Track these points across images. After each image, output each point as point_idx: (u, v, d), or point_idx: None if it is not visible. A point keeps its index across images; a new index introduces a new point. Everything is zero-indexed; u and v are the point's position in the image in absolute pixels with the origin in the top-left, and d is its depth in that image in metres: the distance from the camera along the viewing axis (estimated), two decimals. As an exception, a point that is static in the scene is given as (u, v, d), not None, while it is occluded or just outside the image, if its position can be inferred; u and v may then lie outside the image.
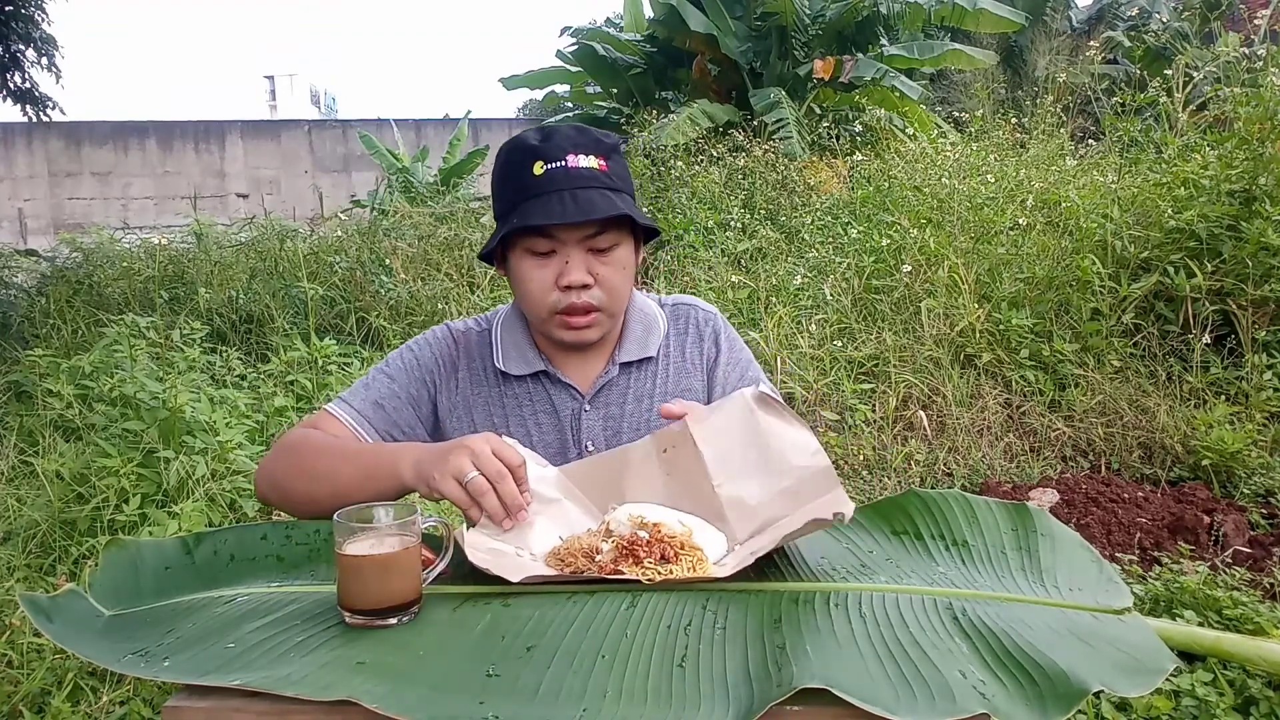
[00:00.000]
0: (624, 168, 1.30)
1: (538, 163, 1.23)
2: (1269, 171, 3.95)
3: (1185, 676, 1.96)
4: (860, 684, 0.79)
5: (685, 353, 1.40)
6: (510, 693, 0.81)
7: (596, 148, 1.26)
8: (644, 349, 1.37)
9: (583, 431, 1.35)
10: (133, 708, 2.12)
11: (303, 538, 1.17)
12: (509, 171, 1.26)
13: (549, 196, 1.21)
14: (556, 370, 1.35)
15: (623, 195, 1.26)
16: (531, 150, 1.24)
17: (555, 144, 1.24)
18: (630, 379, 1.37)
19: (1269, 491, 3.12)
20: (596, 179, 1.24)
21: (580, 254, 1.25)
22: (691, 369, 1.39)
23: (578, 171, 1.23)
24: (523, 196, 1.23)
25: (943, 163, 5.89)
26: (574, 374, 1.36)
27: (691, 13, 8.93)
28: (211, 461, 3.15)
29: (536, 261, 1.26)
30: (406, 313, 5.49)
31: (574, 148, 1.24)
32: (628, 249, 1.30)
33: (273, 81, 36.50)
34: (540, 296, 1.26)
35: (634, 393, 1.36)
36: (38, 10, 8.16)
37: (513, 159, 1.26)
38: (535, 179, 1.22)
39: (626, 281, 1.30)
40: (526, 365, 1.35)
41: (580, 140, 1.25)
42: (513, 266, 1.29)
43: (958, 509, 1.16)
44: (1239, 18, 9.91)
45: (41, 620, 0.96)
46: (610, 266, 1.27)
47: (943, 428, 3.70)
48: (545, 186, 1.22)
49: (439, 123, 16.08)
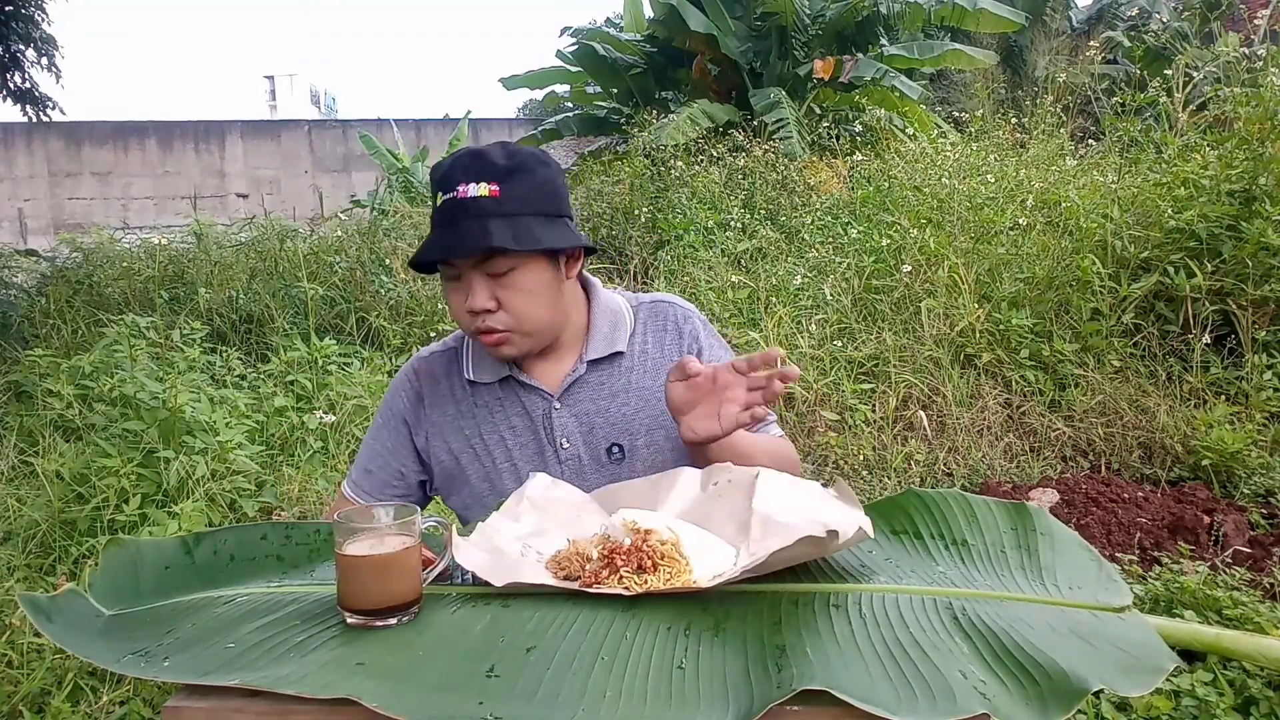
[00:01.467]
0: (530, 188, 1.28)
1: (439, 194, 1.28)
2: (1269, 171, 3.95)
3: (1185, 676, 1.96)
4: (860, 685, 0.79)
5: (663, 348, 1.43)
6: (510, 693, 0.81)
7: (489, 172, 1.25)
8: (611, 345, 1.40)
9: (555, 430, 1.38)
10: (133, 708, 2.12)
11: (303, 538, 1.17)
12: (431, 198, 1.32)
13: (440, 230, 1.27)
14: (522, 374, 1.39)
15: (518, 220, 1.25)
16: (438, 180, 1.28)
17: (451, 173, 1.26)
18: (600, 375, 1.40)
19: (1269, 491, 3.12)
20: (484, 208, 1.24)
21: (481, 280, 1.27)
22: (669, 364, 1.39)
23: (464, 201, 1.25)
24: (432, 225, 1.29)
25: (943, 163, 5.89)
26: (541, 376, 1.40)
27: (691, 13, 8.92)
28: (211, 461, 3.15)
29: (451, 287, 1.32)
30: (406, 313, 5.49)
31: (465, 177, 1.25)
32: (532, 270, 1.29)
33: (273, 81, 36.51)
34: (459, 319, 1.32)
35: (607, 388, 1.39)
36: (38, 10, 8.16)
37: (431, 187, 1.31)
38: (437, 209, 1.28)
39: (534, 303, 1.30)
40: (494, 372, 1.40)
41: (473, 167, 1.26)
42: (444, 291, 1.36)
43: (957, 508, 1.16)
44: (1239, 18, 9.91)
45: (41, 620, 0.97)
46: (509, 290, 1.28)
47: (943, 428, 3.70)
48: (441, 219, 1.27)
49: (439, 123, 16.09)
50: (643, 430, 1.38)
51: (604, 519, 1.14)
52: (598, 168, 8.44)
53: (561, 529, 1.12)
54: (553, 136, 10.51)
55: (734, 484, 1.16)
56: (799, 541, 0.95)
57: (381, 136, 12.16)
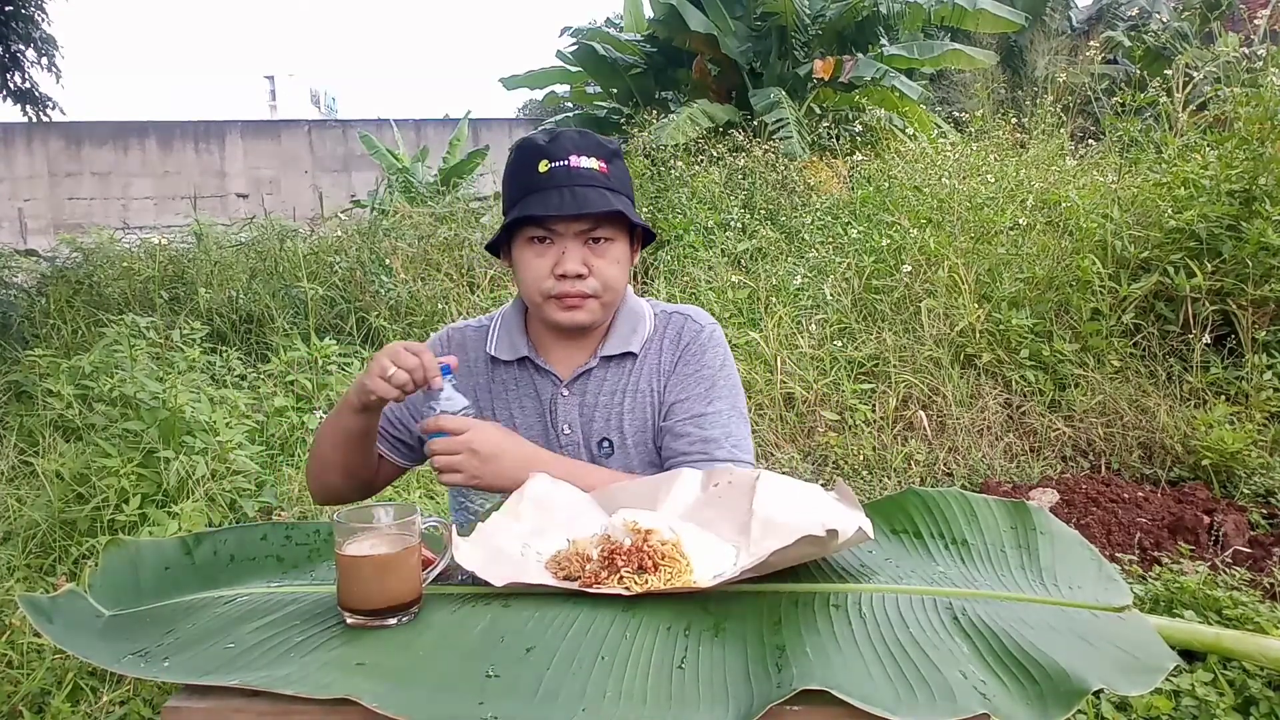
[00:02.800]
0: (625, 173, 1.40)
1: (543, 161, 1.33)
2: (1269, 171, 3.95)
3: (1185, 676, 1.96)
4: (860, 684, 0.79)
5: (661, 358, 1.45)
6: (509, 693, 0.81)
7: (598, 150, 1.36)
8: (626, 344, 1.44)
9: (559, 415, 1.43)
10: (133, 708, 2.12)
11: (303, 538, 1.17)
12: (517, 169, 1.37)
13: (550, 192, 1.32)
14: (540, 358, 1.44)
15: (620, 196, 1.36)
16: (538, 149, 1.34)
17: (560, 144, 1.34)
18: (609, 371, 1.44)
19: (1269, 491, 3.12)
20: (596, 179, 1.34)
21: (577, 246, 1.34)
22: (662, 375, 1.44)
23: (579, 171, 1.33)
24: (527, 191, 1.33)
25: (943, 163, 5.89)
26: (557, 362, 1.44)
27: (691, 13, 8.91)
28: (211, 461, 3.15)
29: (536, 250, 1.35)
30: (406, 313, 5.49)
31: (576, 149, 1.34)
32: (623, 246, 1.39)
33: (273, 81, 36.48)
34: (536, 283, 1.35)
35: (609, 385, 1.43)
36: (38, 10, 8.16)
37: (520, 158, 1.37)
38: (539, 175, 1.33)
39: (621, 275, 1.39)
40: (513, 351, 1.44)
41: (583, 143, 1.35)
42: (515, 255, 1.38)
43: (957, 508, 1.16)
44: (1239, 18, 9.91)
45: (41, 621, 0.97)
46: (604, 259, 1.36)
47: (943, 428, 3.70)
48: (547, 183, 1.32)
49: (439, 123, 16.07)
50: (632, 431, 1.42)
51: (604, 519, 1.14)
52: (598, 168, 8.41)
53: (561, 529, 1.12)
54: (553, 136, 10.49)
55: (734, 485, 1.16)
56: (799, 541, 0.95)
57: (381, 136, 12.16)
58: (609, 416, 1.42)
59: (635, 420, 1.42)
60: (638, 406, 1.42)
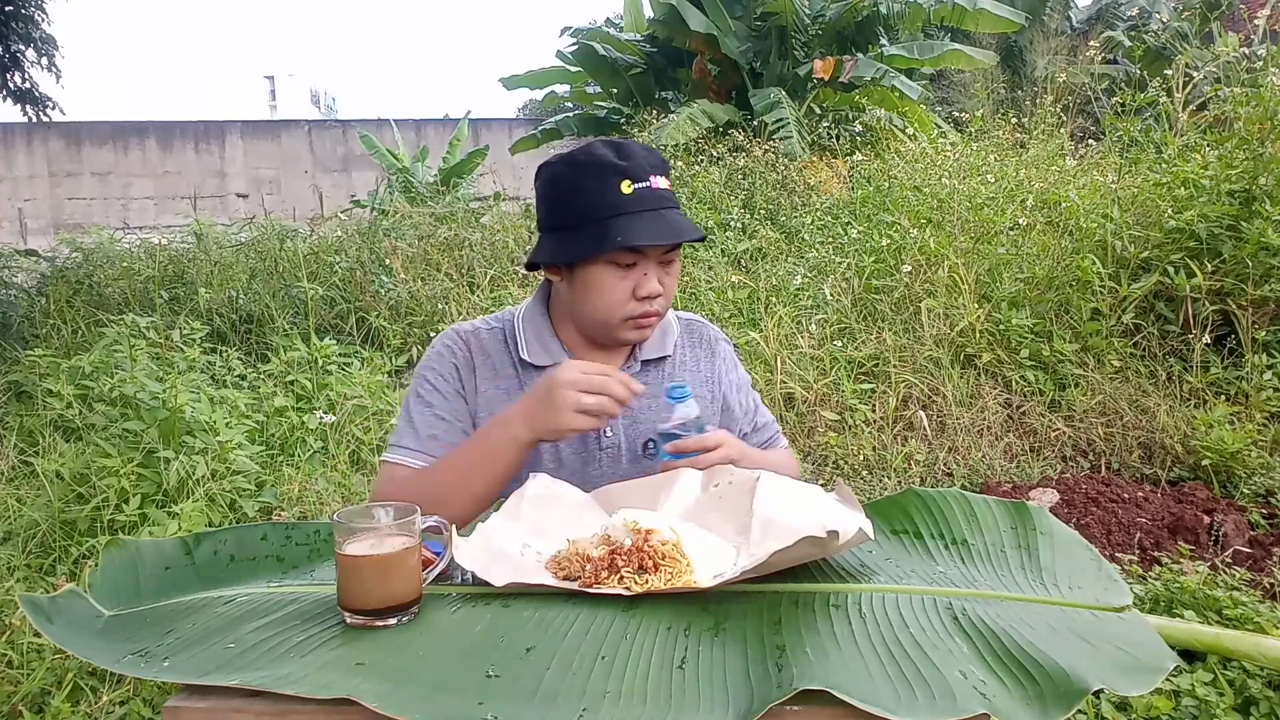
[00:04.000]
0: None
1: (625, 181, 1.29)
2: (1269, 171, 3.95)
3: (1185, 676, 1.96)
4: (860, 685, 0.79)
5: (698, 363, 1.51)
6: (509, 693, 0.81)
7: (665, 168, 1.36)
8: (662, 348, 1.47)
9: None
10: (133, 708, 2.12)
11: (302, 538, 1.17)
12: (591, 185, 1.31)
13: (642, 216, 1.29)
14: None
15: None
16: (617, 168, 1.30)
17: (637, 163, 1.31)
18: (648, 375, 1.46)
19: (1269, 491, 3.12)
20: (673, 200, 1.35)
21: (655, 268, 1.34)
22: (699, 378, 1.50)
23: (661, 193, 1.32)
24: (613, 212, 1.29)
25: (943, 163, 5.88)
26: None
27: (691, 13, 8.91)
28: (211, 461, 3.14)
29: (620, 273, 1.32)
30: (406, 313, 5.49)
31: (653, 169, 1.32)
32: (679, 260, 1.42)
33: (273, 81, 36.49)
34: (618, 306, 1.34)
35: (651, 389, 1.43)
36: (38, 10, 8.16)
37: (594, 173, 1.31)
38: (625, 198, 1.29)
39: (675, 289, 1.42)
40: (548, 356, 1.42)
41: (655, 161, 1.34)
42: (589, 276, 1.33)
43: (957, 508, 1.16)
44: (1239, 18, 9.90)
45: (41, 621, 0.97)
46: (672, 277, 1.38)
47: (943, 428, 3.70)
48: (637, 205, 1.29)
49: (439, 123, 16.08)
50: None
51: (604, 519, 1.14)
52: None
53: (561, 529, 1.12)
54: (553, 136, 10.51)
55: (735, 485, 1.16)
56: (799, 542, 0.95)
57: (381, 136, 12.16)
58: (653, 420, 1.43)
59: None
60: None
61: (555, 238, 1.35)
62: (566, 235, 1.33)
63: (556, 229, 1.35)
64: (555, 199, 1.36)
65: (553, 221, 1.36)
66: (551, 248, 1.36)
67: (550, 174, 1.37)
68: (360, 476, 3.61)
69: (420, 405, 1.41)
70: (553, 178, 1.36)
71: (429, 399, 1.41)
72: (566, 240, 1.33)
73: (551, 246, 1.36)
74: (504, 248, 6.14)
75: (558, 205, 1.35)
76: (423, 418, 1.40)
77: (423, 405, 1.41)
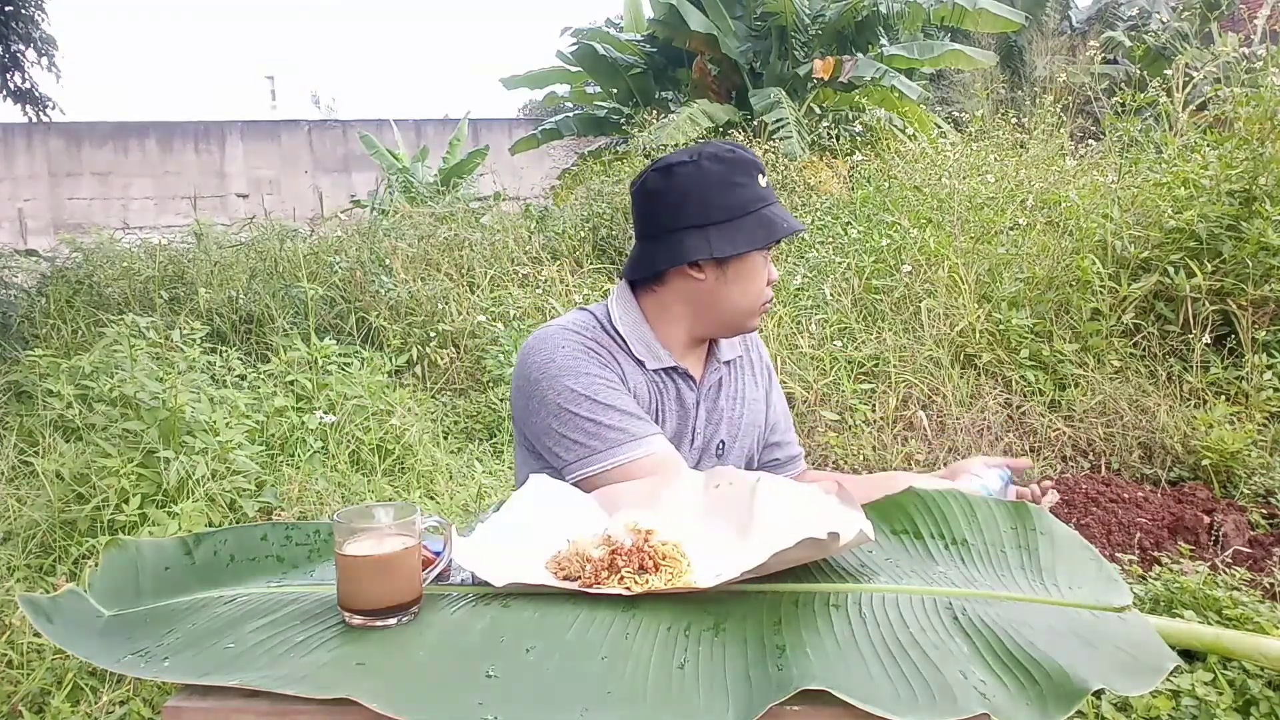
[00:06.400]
0: None
1: (761, 176, 1.38)
2: (1269, 171, 3.95)
3: (1185, 676, 1.96)
4: (860, 685, 0.79)
5: (752, 366, 1.58)
6: (509, 693, 0.81)
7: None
8: (733, 349, 1.53)
9: (699, 420, 1.47)
10: (133, 708, 2.12)
11: (302, 538, 1.17)
12: (740, 178, 1.36)
13: (777, 207, 1.39)
14: (683, 364, 1.46)
15: None
16: (756, 163, 1.39)
17: (756, 162, 1.40)
18: (728, 376, 1.52)
19: (1269, 491, 3.12)
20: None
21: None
22: (753, 381, 1.56)
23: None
24: (763, 203, 1.37)
25: (943, 163, 5.89)
26: (693, 368, 1.48)
27: (691, 13, 8.92)
28: (211, 461, 3.14)
29: (764, 262, 1.41)
30: (406, 313, 5.49)
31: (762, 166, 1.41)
32: None
33: (273, 81, 36.50)
34: (761, 293, 1.43)
35: (727, 390, 1.51)
36: (38, 10, 8.16)
37: (742, 168, 1.37)
38: (765, 190, 1.38)
39: None
40: (657, 360, 1.43)
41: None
42: (744, 266, 1.39)
43: (957, 508, 1.16)
44: (1239, 18, 9.91)
45: (41, 621, 0.96)
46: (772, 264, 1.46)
47: (943, 428, 3.70)
48: (772, 197, 1.39)
49: (439, 123, 16.06)
50: (742, 431, 1.51)
51: (604, 519, 1.14)
52: (598, 168, 8.43)
53: (561, 529, 1.12)
54: (553, 136, 10.51)
55: (735, 486, 1.16)
56: (800, 543, 0.95)
57: (381, 136, 12.15)
58: (727, 419, 1.49)
59: (747, 419, 1.51)
60: (746, 409, 1.52)
61: (705, 234, 1.34)
62: (724, 229, 1.34)
63: (706, 225, 1.35)
64: (704, 195, 1.35)
65: (702, 218, 1.35)
66: (708, 243, 1.34)
67: (693, 172, 1.35)
68: (360, 476, 3.61)
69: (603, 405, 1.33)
70: (699, 175, 1.35)
71: (608, 396, 1.33)
72: (727, 233, 1.34)
73: (707, 242, 1.34)
74: (504, 248, 6.14)
75: (708, 201, 1.35)
76: (617, 413, 1.33)
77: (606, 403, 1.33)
